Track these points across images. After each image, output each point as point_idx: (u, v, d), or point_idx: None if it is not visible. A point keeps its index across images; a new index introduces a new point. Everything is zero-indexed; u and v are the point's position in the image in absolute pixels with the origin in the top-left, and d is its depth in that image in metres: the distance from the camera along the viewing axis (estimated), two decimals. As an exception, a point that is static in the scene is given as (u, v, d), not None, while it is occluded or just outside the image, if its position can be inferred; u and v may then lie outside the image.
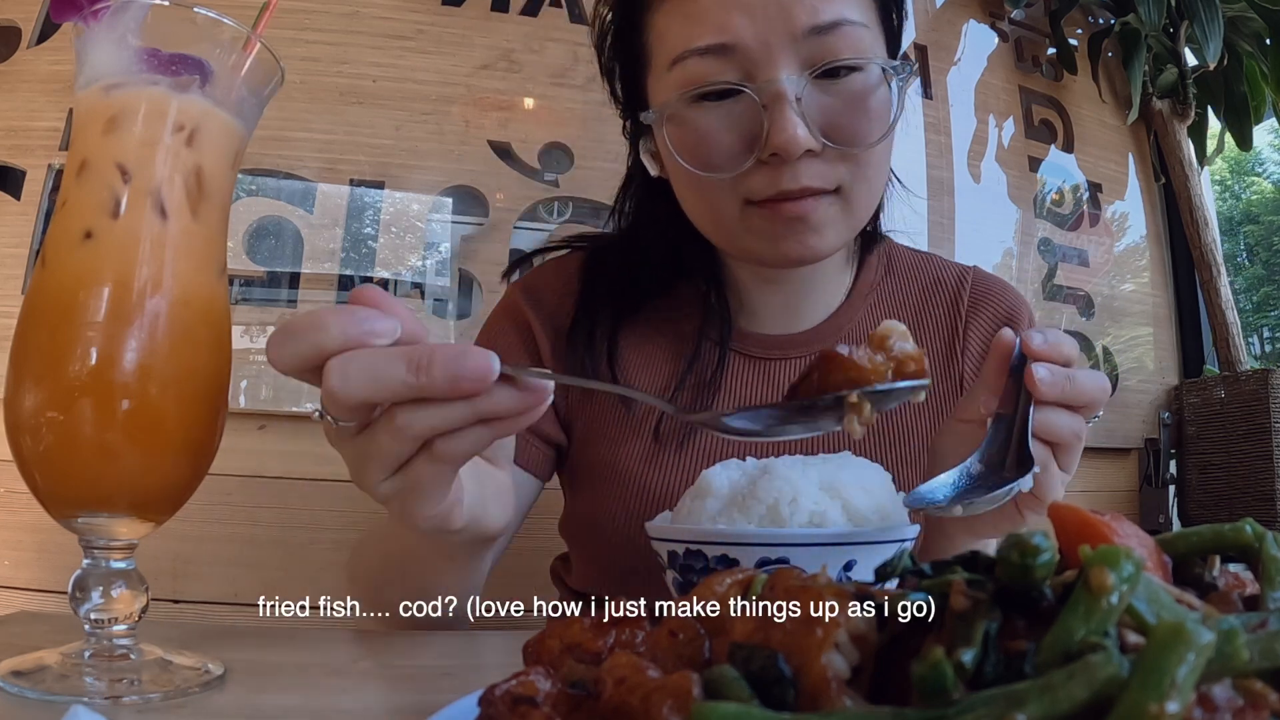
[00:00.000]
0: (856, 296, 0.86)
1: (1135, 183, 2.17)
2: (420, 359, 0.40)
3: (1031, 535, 0.23)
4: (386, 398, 0.41)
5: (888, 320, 0.47)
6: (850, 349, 0.45)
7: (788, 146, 0.66)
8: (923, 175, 1.88)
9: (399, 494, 0.46)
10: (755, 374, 0.83)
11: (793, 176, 0.68)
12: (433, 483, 0.45)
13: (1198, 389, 1.99)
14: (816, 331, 0.84)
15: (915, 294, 0.89)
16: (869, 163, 0.71)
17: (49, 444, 0.42)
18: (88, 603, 0.43)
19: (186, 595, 1.38)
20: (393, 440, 0.42)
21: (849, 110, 0.69)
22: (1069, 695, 0.19)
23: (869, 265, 0.88)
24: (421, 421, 0.42)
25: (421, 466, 0.44)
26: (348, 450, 0.46)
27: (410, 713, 0.41)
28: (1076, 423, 0.56)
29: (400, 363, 0.40)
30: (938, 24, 2.00)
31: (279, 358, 0.42)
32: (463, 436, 0.43)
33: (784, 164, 0.68)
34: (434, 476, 0.45)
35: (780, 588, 0.26)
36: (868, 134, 0.69)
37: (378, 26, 1.56)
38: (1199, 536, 0.29)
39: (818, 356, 0.45)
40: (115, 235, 0.44)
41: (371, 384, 0.41)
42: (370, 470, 0.45)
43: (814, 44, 0.67)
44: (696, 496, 0.57)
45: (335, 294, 1.49)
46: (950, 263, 0.93)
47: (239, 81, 0.47)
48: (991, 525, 0.64)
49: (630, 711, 0.24)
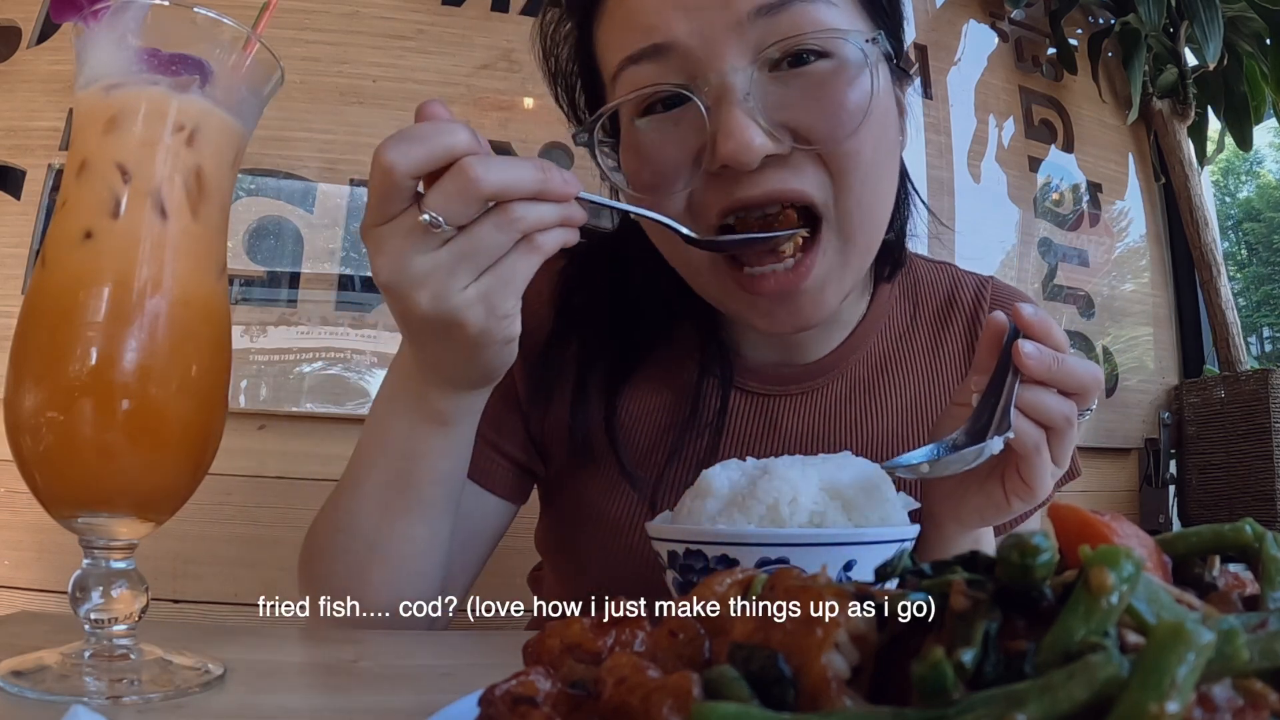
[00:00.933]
0: (868, 325, 0.78)
1: (1135, 183, 2.17)
2: (542, 164, 0.50)
3: (1031, 535, 0.23)
4: (515, 192, 0.49)
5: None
6: None
7: (737, 155, 0.56)
8: (923, 175, 1.88)
9: (484, 295, 0.50)
10: (754, 410, 0.76)
11: (751, 183, 0.58)
12: (522, 277, 0.51)
13: (1198, 389, 1.99)
14: (820, 364, 0.76)
15: (930, 315, 0.81)
16: (852, 170, 0.59)
17: (49, 444, 0.42)
18: (88, 603, 0.43)
19: (186, 595, 1.38)
20: (500, 232, 0.49)
21: (814, 99, 0.58)
22: (1069, 695, 0.19)
23: (885, 289, 0.79)
24: (534, 213, 0.49)
25: (518, 259, 0.50)
26: (441, 257, 0.49)
27: (410, 713, 0.41)
28: (1066, 406, 0.55)
29: (529, 165, 0.50)
30: (938, 24, 2.00)
31: (402, 157, 0.47)
32: (553, 233, 0.51)
33: (740, 174, 0.58)
34: (525, 270, 0.51)
35: (780, 588, 0.26)
36: (840, 126, 0.58)
37: (378, 26, 1.57)
38: (1199, 536, 0.29)
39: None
40: (115, 235, 0.44)
41: (509, 179, 0.48)
42: (461, 272, 0.50)
43: (763, 28, 0.57)
44: (696, 496, 0.57)
45: (335, 294, 1.50)
46: (968, 275, 0.84)
47: (239, 81, 0.47)
48: (977, 513, 0.61)
49: (630, 711, 0.24)
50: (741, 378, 0.76)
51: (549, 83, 0.77)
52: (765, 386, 0.76)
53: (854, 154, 0.59)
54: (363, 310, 1.51)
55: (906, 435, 0.76)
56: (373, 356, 1.49)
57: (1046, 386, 0.55)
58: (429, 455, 0.61)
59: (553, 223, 0.51)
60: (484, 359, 0.55)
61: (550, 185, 0.50)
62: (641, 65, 0.60)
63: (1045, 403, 0.55)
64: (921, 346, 0.80)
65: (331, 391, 1.46)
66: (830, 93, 0.58)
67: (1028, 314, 0.55)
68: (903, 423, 0.76)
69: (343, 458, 0.65)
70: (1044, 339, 0.55)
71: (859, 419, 0.76)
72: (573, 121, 0.77)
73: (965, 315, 0.81)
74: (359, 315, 1.50)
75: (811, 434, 0.75)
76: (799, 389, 0.76)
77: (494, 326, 0.52)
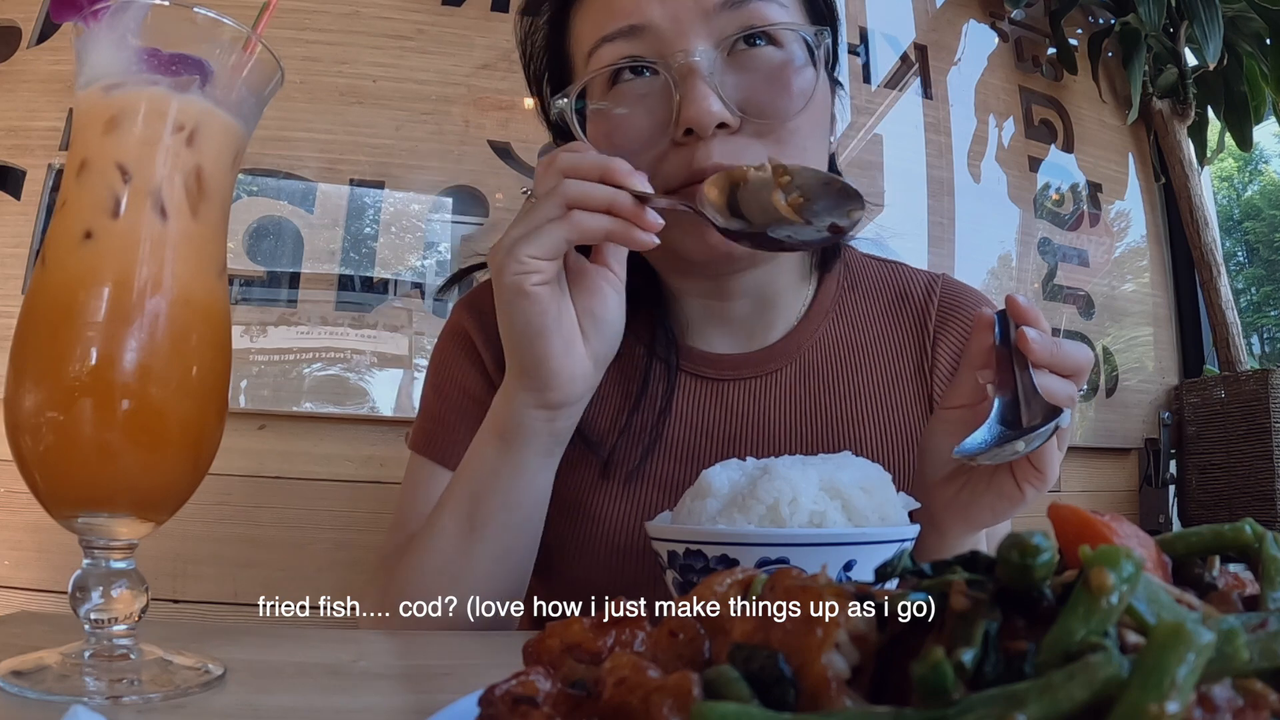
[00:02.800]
0: (815, 313, 0.82)
1: (1135, 183, 2.17)
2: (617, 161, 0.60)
3: (1031, 535, 0.23)
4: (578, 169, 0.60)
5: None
6: None
7: (700, 119, 0.64)
8: (923, 175, 1.88)
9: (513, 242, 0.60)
10: (707, 395, 0.78)
11: (705, 154, 0.65)
12: (549, 238, 0.59)
13: (1198, 389, 1.99)
14: (770, 351, 0.80)
15: (880, 308, 0.84)
16: (793, 144, 0.68)
17: (49, 444, 0.42)
18: (88, 603, 0.43)
19: (186, 595, 1.38)
20: (548, 200, 0.59)
21: (765, 82, 0.67)
22: (1069, 695, 0.19)
23: (829, 279, 0.84)
24: (576, 189, 0.58)
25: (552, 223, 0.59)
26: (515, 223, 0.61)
27: (410, 713, 0.41)
28: (1069, 387, 0.59)
29: (604, 157, 0.60)
30: (938, 24, 2.00)
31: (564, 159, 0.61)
32: (597, 218, 0.58)
33: (698, 142, 0.65)
34: (553, 233, 0.58)
35: (780, 588, 0.26)
36: (786, 107, 0.67)
37: (378, 26, 1.57)
38: (1199, 536, 0.29)
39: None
40: (115, 235, 0.44)
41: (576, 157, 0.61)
42: (514, 229, 0.61)
43: (726, 19, 0.66)
44: (697, 496, 0.57)
45: (335, 294, 1.50)
46: (918, 272, 0.88)
47: (239, 81, 0.47)
48: (989, 509, 0.62)
49: (630, 711, 0.24)
50: (691, 363, 0.80)
51: (533, 86, 0.82)
52: (718, 372, 0.79)
53: (793, 131, 0.68)
54: (363, 310, 1.51)
55: (860, 421, 0.78)
56: (373, 356, 1.49)
57: (1047, 372, 0.58)
58: (499, 475, 0.64)
59: (597, 203, 0.58)
60: (519, 325, 0.61)
61: (610, 168, 0.58)
62: (616, 43, 0.68)
63: (1053, 386, 0.58)
64: (873, 336, 0.82)
65: (331, 391, 1.46)
66: (780, 77, 0.67)
67: (1023, 303, 0.58)
68: (856, 409, 0.78)
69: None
70: (1037, 325, 0.58)
71: (813, 404, 0.78)
72: (542, 117, 0.82)
73: (916, 308, 0.84)
74: (359, 315, 1.50)
75: (766, 418, 0.77)
76: (751, 373, 0.79)
77: (510, 269, 0.59)
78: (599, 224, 0.58)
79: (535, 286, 0.59)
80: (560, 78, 0.77)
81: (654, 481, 0.75)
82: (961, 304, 0.83)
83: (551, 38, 0.78)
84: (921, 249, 1.85)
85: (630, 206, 0.58)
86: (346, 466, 1.43)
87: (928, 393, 0.80)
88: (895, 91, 1.91)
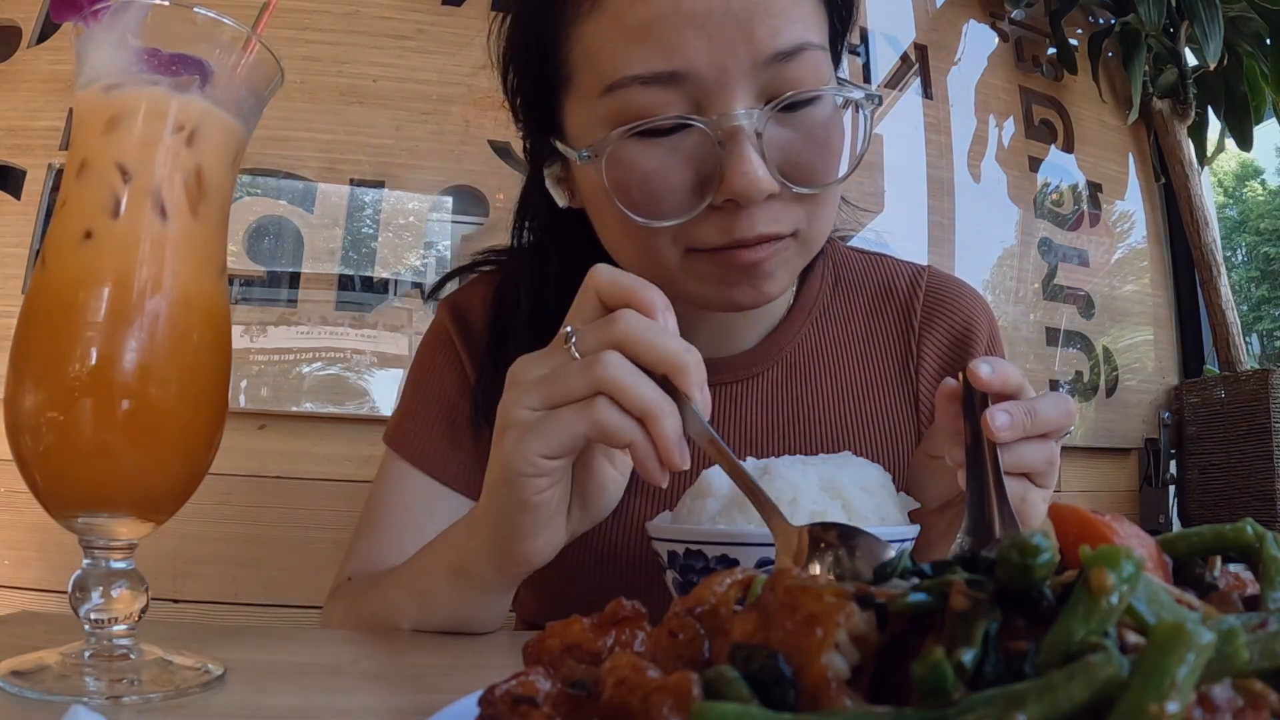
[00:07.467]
0: (798, 312, 0.79)
1: (1135, 183, 2.17)
2: (687, 349, 0.51)
3: (1031, 535, 0.23)
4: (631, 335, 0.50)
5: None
6: None
7: (748, 191, 0.58)
8: (923, 175, 1.88)
9: (527, 428, 0.50)
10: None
11: (749, 224, 0.60)
12: (560, 434, 0.49)
13: (1198, 389, 1.99)
14: (752, 354, 0.77)
15: (863, 305, 0.82)
16: (827, 200, 0.64)
17: (49, 444, 0.42)
18: (88, 603, 0.43)
19: (186, 595, 1.38)
20: (580, 371, 0.49)
21: (810, 146, 0.61)
22: (1069, 695, 0.19)
23: (813, 277, 0.81)
24: (613, 371, 0.48)
25: (571, 412, 0.49)
26: (543, 369, 0.51)
27: (410, 713, 0.41)
28: (1046, 449, 0.55)
29: (674, 340, 0.50)
30: (938, 24, 2.00)
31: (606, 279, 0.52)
32: (625, 422, 0.48)
33: (740, 210, 0.60)
34: (566, 429, 0.49)
35: (780, 588, 0.26)
36: (829, 172, 0.62)
37: (378, 26, 1.57)
38: (1199, 536, 0.29)
39: None
40: (115, 235, 0.44)
41: (633, 318, 0.50)
42: (535, 391, 0.51)
43: (774, 72, 0.59)
44: (697, 496, 0.57)
45: (335, 293, 1.50)
46: (903, 264, 0.85)
47: (239, 81, 0.47)
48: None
49: (630, 711, 0.24)
50: None
51: (507, 88, 0.76)
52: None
53: (834, 192, 0.65)
54: (363, 310, 1.51)
55: (843, 422, 0.77)
56: (373, 356, 1.49)
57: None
58: (450, 602, 0.61)
59: (632, 404, 0.48)
60: (506, 514, 0.53)
61: (674, 362, 0.49)
62: (651, 88, 0.59)
63: (1028, 457, 0.54)
64: (856, 334, 0.80)
65: (331, 391, 1.46)
66: (825, 140, 0.62)
67: (984, 375, 0.53)
68: (839, 410, 0.77)
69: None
70: (1004, 390, 0.54)
71: (795, 406, 0.77)
72: (518, 120, 0.75)
73: (900, 303, 0.81)
74: (359, 315, 1.50)
75: (748, 422, 0.76)
76: (732, 377, 0.77)
77: (516, 466, 0.50)
78: (625, 434, 0.48)
79: (538, 496, 0.51)
80: (552, 76, 0.67)
81: (637, 490, 0.73)
82: (946, 300, 0.81)
83: (544, 39, 0.67)
84: (921, 249, 1.85)
85: (669, 437, 0.48)
86: (346, 466, 1.43)
87: (913, 391, 0.78)
88: (895, 91, 1.91)
